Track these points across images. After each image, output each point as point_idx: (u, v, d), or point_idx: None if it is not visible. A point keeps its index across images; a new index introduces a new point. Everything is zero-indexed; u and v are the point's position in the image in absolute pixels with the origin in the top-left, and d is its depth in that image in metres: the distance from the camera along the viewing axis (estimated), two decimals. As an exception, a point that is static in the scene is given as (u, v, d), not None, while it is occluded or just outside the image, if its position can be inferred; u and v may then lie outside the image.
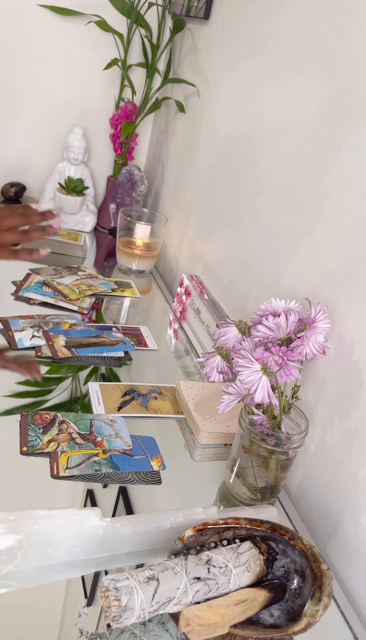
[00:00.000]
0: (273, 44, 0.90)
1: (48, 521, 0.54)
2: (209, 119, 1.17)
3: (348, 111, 0.70)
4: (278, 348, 0.60)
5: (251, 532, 0.55)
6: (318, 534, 0.71)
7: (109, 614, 0.44)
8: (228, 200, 1.06)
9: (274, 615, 0.52)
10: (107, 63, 1.37)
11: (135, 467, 0.70)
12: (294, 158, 0.82)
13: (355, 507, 0.65)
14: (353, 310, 0.67)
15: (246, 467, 0.67)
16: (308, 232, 0.78)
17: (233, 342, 0.68)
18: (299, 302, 0.68)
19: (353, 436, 0.66)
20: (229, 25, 1.08)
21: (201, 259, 1.19)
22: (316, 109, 0.77)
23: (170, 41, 1.40)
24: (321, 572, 0.50)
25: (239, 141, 1.01)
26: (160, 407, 0.83)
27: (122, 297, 1.18)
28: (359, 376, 0.65)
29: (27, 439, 0.70)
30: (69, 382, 0.86)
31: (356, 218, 0.67)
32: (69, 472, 0.67)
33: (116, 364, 0.92)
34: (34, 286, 1.08)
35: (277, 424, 0.65)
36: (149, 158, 1.62)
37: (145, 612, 0.45)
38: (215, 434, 0.77)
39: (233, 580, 0.50)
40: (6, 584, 0.52)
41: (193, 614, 0.46)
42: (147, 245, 1.30)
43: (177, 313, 1.16)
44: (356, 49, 0.69)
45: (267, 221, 0.90)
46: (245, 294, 0.97)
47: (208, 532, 0.55)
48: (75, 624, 0.52)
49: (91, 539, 0.56)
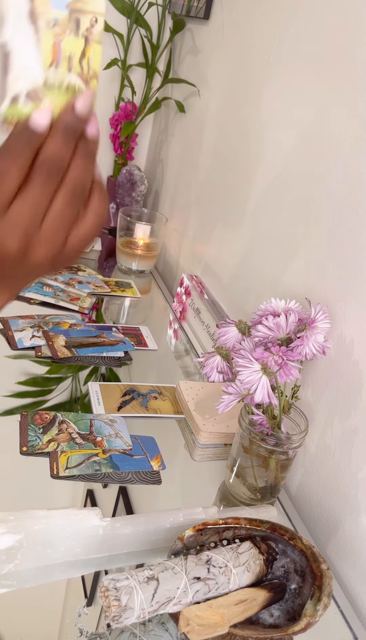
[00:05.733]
0: (273, 44, 0.90)
1: (48, 521, 0.54)
2: (209, 119, 1.17)
3: (348, 111, 0.70)
4: (278, 348, 0.60)
5: (251, 532, 0.55)
6: (318, 534, 0.71)
7: (109, 613, 0.44)
8: (227, 200, 1.06)
9: (274, 615, 0.52)
10: (107, 63, 1.37)
11: (135, 467, 0.70)
12: (294, 158, 0.82)
13: (355, 507, 0.65)
14: (353, 310, 0.67)
15: (246, 467, 0.67)
16: (308, 232, 0.78)
17: (233, 342, 0.68)
18: (299, 302, 0.68)
19: (353, 436, 0.66)
20: (229, 25, 1.08)
21: (201, 259, 1.19)
22: (316, 108, 0.77)
23: (170, 41, 1.40)
24: (321, 572, 0.50)
25: (239, 141, 1.01)
26: (160, 407, 0.83)
27: (122, 297, 1.18)
28: (359, 376, 0.65)
29: (27, 439, 0.70)
30: (69, 382, 0.86)
31: (356, 218, 0.67)
32: (69, 472, 0.67)
33: (116, 364, 0.92)
34: (34, 286, 1.08)
35: (277, 424, 0.65)
36: (149, 158, 1.62)
37: (145, 612, 0.45)
38: (215, 434, 0.77)
39: (232, 580, 0.50)
40: (6, 584, 0.52)
41: (192, 613, 0.46)
42: (147, 245, 1.30)
43: (177, 313, 1.16)
44: (356, 49, 0.69)
45: (267, 221, 0.90)
46: (245, 294, 0.97)
47: (208, 532, 0.55)
48: (75, 624, 0.52)
49: (90, 539, 0.56)
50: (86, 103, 0.37)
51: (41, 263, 0.39)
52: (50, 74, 0.36)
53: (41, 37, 0.35)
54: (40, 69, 0.36)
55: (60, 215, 0.39)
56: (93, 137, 0.39)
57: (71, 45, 0.37)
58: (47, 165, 0.37)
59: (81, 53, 0.37)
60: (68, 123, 0.37)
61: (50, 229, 0.39)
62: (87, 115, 0.38)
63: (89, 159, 0.39)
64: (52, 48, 0.36)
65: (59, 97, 0.37)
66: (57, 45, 0.36)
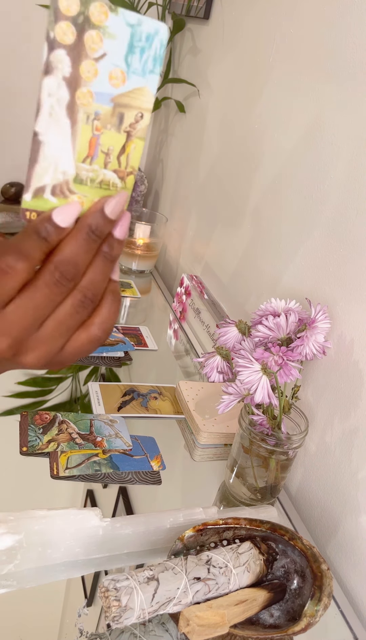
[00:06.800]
0: (273, 44, 0.90)
1: (48, 521, 0.54)
2: (209, 119, 1.17)
3: (349, 111, 0.70)
4: (278, 348, 0.60)
5: (251, 532, 0.55)
6: (318, 534, 0.71)
7: (109, 614, 0.44)
8: (228, 200, 1.06)
9: (274, 616, 0.51)
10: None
11: (135, 467, 0.70)
12: (294, 158, 0.82)
13: (355, 507, 0.65)
14: (353, 310, 0.67)
15: (246, 467, 0.67)
16: (308, 232, 0.78)
17: (233, 342, 0.68)
18: (300, 302, 0.68)
19: (353, 436, 0.66)
20: (229, 25, 1.08)
21: (201, 259, 1.19)
22: (316, 108, 0.77)
23: (170, 41, 1.40)
24: (321, 572, 0.50)
25: (239, 141, 1.01)
26: (160, 407, 0.83)
27: (123, 297, 1.18)
28: (359, 376, 0.65)
29: (27, 439, 0.70)
30: (69, 382, 0.86)
31: (356, 218, 0.67)
32: (69, 472, 0.67)
33: (116, 364, 0.92)
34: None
35: (277, 424, 0.65)
36: (149, 158, 1.62)
37: (145, 612, 0.45)
38: (215, 434, 0.77)
39: (233, 581, 0.50)
40: (6, 584, 0.52)
41: (192, 614, 0.46)
42: (147, 245, 1.30)
43: (177, 313, 1.16)
44: (356, 49, 0.69)
45: (267, 221, 0.90)
46: (245, 294, 0.97)
47: (208, 532, 0.55)
48: (75, 624, 0.52)
49: (90, 539, 0.56)
50: (119, 204, 0.34)
51: (31, 365, 0.35)
52: (84, 168, 0.34)
53: (78, 129, 0.33)
54: (72, 163, 0.33)
55: (63, 321, 0.34)
56: (120, 239, 0.35)
57: (111, 140, 0.34)
58: (61, 268, 0.33)
59: (120, 148, 0.35)
60: (94, 224, 0.33)
61: (50, 334, 0.34)
62: (118, 216, 0.34)
63: (110, 261, 0.35)
64: (89, 142, 0.34)
65: (91, 193, 0.35)
66: (95, 139, 0.34)
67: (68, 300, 0.34)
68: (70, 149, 0.33)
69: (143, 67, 0.33)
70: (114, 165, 0.35)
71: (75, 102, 0.32)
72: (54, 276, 0.33)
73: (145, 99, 0.34)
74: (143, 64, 0.33)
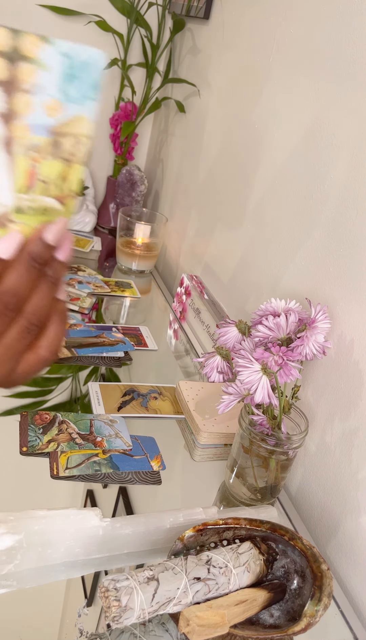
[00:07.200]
0: (273, 43, 0.90)
1: (48, 521, 0.54)
2: (209, 119, 1.17)
3: (349, 111, 0.70)
4: (278, 348, 0.60)
5: (251, 532, 0.55)
6: (318, 534, 0.71)
7: (109, 614, 0.44)
8: (228, 200, 1.06)
9: (274, 616, 0.51)
10: (107, 63, 1.37)
11: (135, 467, 0.70)
12: (294, 158, 0.82)
13: (355, 507, 0.65)
14: (353, 310, 0.67)
15: (246, 467, 0.67)
16: (308, 232, 0.78)
17: (233, 342, 0.68)
18: (300, 302, 0.68)
19: (353, 436, 0.66)
20: (229, 25, 1.08)
21: (201, 259, 1.19)
22: (316, 108, 0.77)
23: (170, 41, 1.40)
24: (321, 573, 0.50)
25: (239, 141, 1.01)
26: (160, 407, 0.83)
27: (122, 297, 1.18)
28: (359, 376, 0.65)
29: (27, 439, 0.70)
30: (69, 382, 0.86)
31: (356, 218, 0.67)
32: (69, 472, 0.67)
33: (116, 364, 0.92)
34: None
35: (277, 424, 0.65)
36: (149, 158, 1.62)
37: (145, 612, 0.45)
38: (215, 434, 0.77)
39: (233, 581, 0.50)
40: (6, 584, 0.52)
41: (193, 614, 0.45)
42: (147, 245, 1.30)
43: (177, 313, 1.16)
44: (356, 48, 0.69)
45: (267, 221, 0.90)
46: (245, 294, 0.97)
47: (208, 533, 0.55)
48: (75, 624, 0.52)
49: (90, 539, 0.56)
50: (57, 231, 0.34)
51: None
52: (23, 198, 0.34)
53: (15, 162, 0.33)
54: (10, 195, 0.34)
55: (11, 347, 0.36)
56: (63, 261, 0.36)
57: (49, 169, 0.34)
58: (4, 300, 0.34)
59: (60, 176, 0.35)
60: (35, 252, 0.34)
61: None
62: (58, 242, 0.35)
63: (54, 284, 0.36)
64: (27, 172, 0.34)
65: (32, 220, 0.35)
66: (33, 169, 0.34)
67: (14, 327, 0.35)
68: (7, 182, 0.34)
69: (80, 95, 0.33)
70: (54, 192, 0.35)
71: (11, 136, 0.32)
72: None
73: (83, 126, 0.34)
74: (80, 92, 0.33)
